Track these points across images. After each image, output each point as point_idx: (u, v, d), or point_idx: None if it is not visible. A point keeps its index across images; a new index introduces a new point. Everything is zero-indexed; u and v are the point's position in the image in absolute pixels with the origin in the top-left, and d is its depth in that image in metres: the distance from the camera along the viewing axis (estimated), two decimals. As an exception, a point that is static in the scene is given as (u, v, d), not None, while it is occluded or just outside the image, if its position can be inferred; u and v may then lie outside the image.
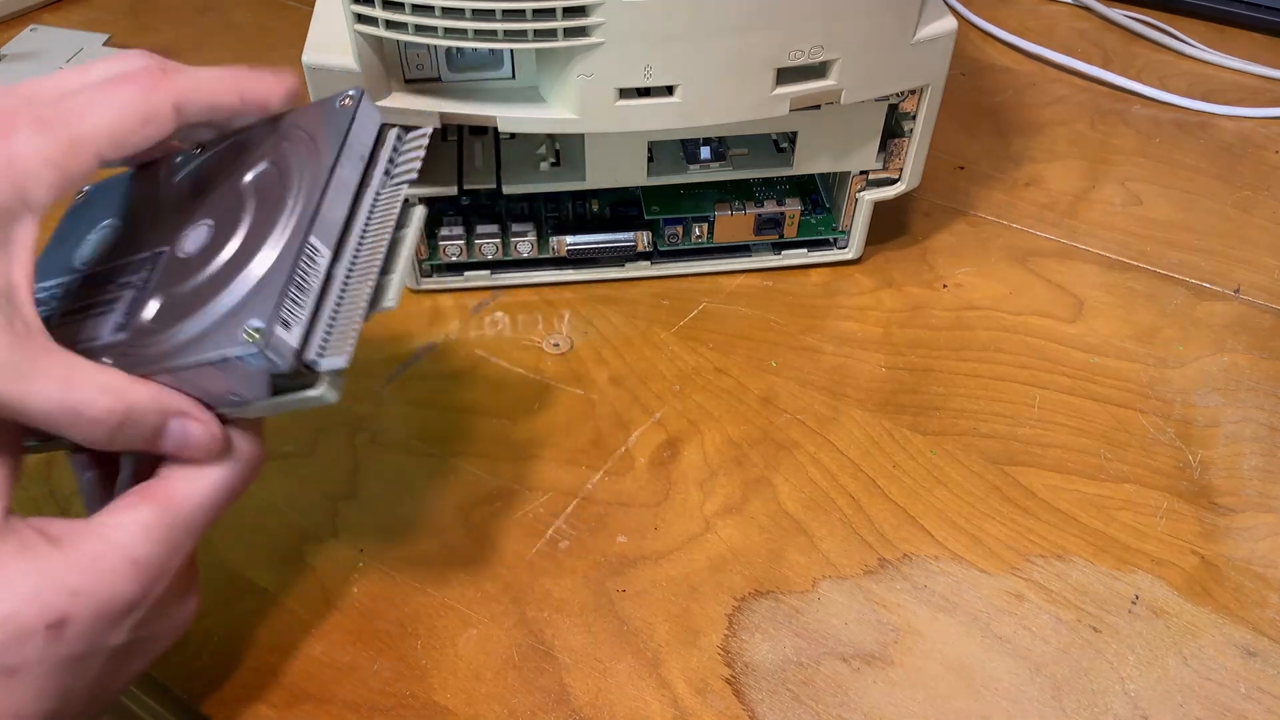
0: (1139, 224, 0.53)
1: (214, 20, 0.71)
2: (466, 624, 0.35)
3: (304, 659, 0.34)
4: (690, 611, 0.36)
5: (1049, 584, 0.36)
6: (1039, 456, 0.41)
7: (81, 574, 0.25)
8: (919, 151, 0.46)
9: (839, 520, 0.39)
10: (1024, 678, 0.34)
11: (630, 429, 0.42)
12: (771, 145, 0.47)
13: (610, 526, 0.38)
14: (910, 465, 0.41)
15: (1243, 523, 0.39)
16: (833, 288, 0.49)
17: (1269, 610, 0.36)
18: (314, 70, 0.39)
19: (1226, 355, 0.45)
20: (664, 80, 0.39)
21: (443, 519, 0.39)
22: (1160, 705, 0.33)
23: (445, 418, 0.42)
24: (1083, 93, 0.64)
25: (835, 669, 0.34)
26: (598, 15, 0.36)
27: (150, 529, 0.26)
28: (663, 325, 0.47)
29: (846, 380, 0.44)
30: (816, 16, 0.38)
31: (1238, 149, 0.58)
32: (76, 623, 0.25)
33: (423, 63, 0.40)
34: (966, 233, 0.52)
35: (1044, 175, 0.56)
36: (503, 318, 0.47)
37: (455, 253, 0.47)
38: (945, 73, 0.43)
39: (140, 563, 0.26)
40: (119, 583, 0.25)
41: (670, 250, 0.49)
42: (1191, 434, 0.42)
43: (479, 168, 0.46)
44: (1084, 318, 0.47)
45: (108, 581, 0.25)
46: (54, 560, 0.25)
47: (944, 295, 0.49)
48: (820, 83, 0.41)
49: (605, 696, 0.33)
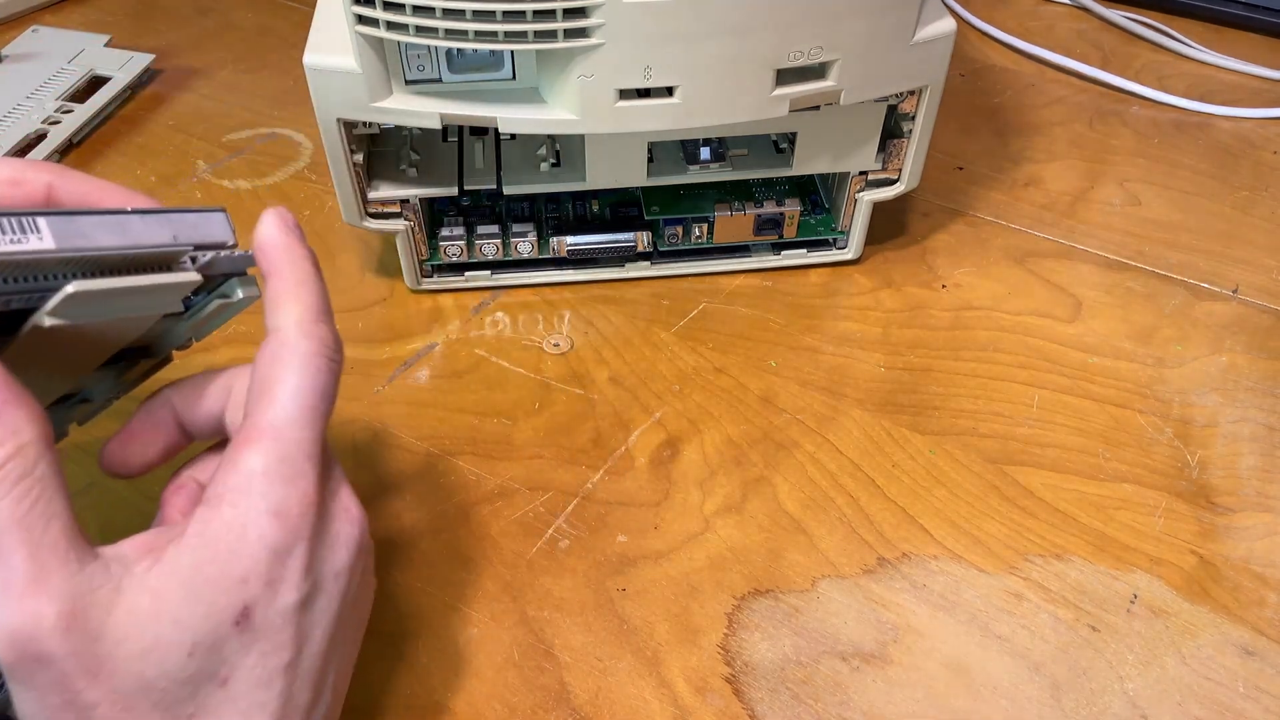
0: (1137, 224, 0.53)
1: (214, 21, 0.71)
2: (467, 623, 0.35)
3: (305, 658, 0.34)
4: (690, 610, 0.36)
5: (1048, 583, 0.37)
6: (1037, 456, 0.41)
7: (231, 555, 0.24)
8: (918, 152, 0.46)
9: (838, 520, 0.39)
10: (1023, 677, 0.34)
11: (630, 429, 0.42)
12: (771, 146, 0.47)
13: (610, 526, 0.38)
14: (909, 465, 0.41)
15: (1241, 522, 0.39)
16: (832, 288, 0.49)
17: (1267, 610, 0.36)
18: (314, 71, 0.39)
19: (1225, 355, 0.46)
20: (664, 81, 0.39)
21: (443, 519, 0.39)
22: (1159, 704, 0.33)
23: (445, 418, 0.43)
24: (1081, 93, 0.64)
25: (834, 668, 0.34)
26: (598, 16, 0.36)
27: (264, 471, 0.25)
28: (663, 325, 0.47)
29: (846, 380, 0.44)
30: (816, 18, 0.38)
31: (1236, 149, 0.59)
32: (257, 603, 0.24)
33: (423, 63, 0.40)
34: (965, 233, 0.52)
35: (1043, 176, 0.56)
36: (503, 318, 0.47)
37: (456, 253, 0.47)
38: (944, 74, 0.43)
39: (278, 510, 0.24)
40: (270, 539, 0.24)
41: (670, 250, 0.49)
42: (1190, 434, 0.42)
43: (479, 168, 0.46)
44: (1082, 318, 0.47)
45: (259, 547, 0.24)
46: (201, 554, 0.24)
47: (943, 295, 0.49)
48: (820, 84, 0.41)
49: (605, 695, 0.33)
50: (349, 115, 0.41)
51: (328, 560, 0.26)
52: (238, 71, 0.65)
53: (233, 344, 0.45)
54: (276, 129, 0.60)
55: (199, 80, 0.64)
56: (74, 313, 0.24)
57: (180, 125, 0.60)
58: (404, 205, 0.45)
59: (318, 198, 0.54)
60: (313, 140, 0.58)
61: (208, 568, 0.24)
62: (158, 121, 0.60)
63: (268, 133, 0.59)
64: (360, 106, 0.40)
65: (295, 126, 0.60)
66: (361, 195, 0.44)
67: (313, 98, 0.40)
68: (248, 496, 0.24)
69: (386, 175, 0.45)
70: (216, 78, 0.65)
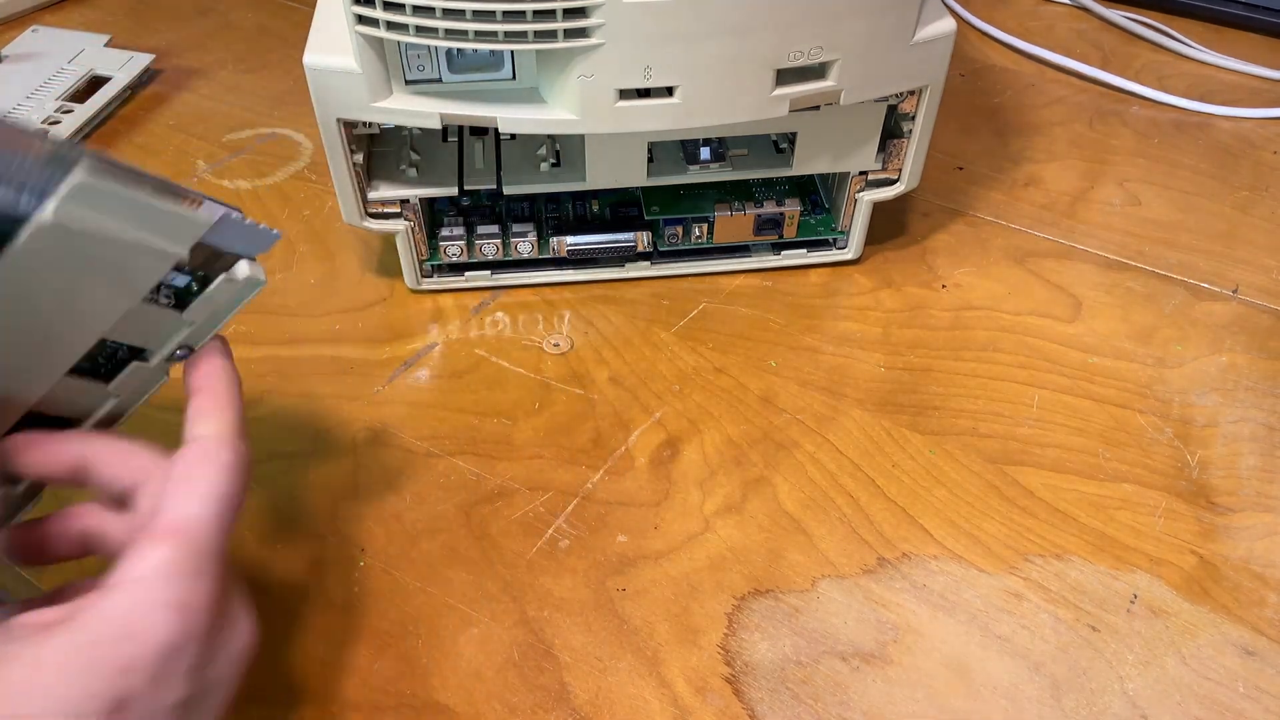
0: (1137, 224, 0.53)
1: (214, 21, 0.71)
2: (467, 623, 0.35)
3: (305, 658, 0.34)
4: (690, 611, 0.36)
5: (1048, 583, 0.37)
6: (1037, 456, 0.41)
7: (118, 643, 0.23)
8: (918, 152, 0.46)
9: (838, 520, 0.39)
10: (1022, 677, 0.34)
11: (630, 429, 0.42)
12: (771, 146, 0.47)
13: (610, 526, 0.38)
14: (909, 465, 0.41)
15: (1241, 522, 0.39)
16: (832, 288, 0.49)
17: (1267, 609, 0.36)
18: (314, 71, 0.39)
19: (1224, 355, 0.46)
20: (664, 81, 0.39)
21: (443, 519, 0.39)
22: (1159, 704, 0.33)
23: (445, 418, 0.43)
24: (1081, 93, 0.64)
25: (834, 668, 0.34)
26: (598, 16, 0.36)
27: (171, 565, 0.25)
28: (663, 325, 0.47)
29: (846, 380, 0.44)
30: (816, 18, 0.38)
31: (1236, 149, 0.59)
32: (137, 697, 0.23)
33: (423, 64, 0.40)
34: (965, 233, 0.52)
35: (1042, 175, 0.57)
36: (503, 318, 0.47)
37: (456, 253, 0.47)
38: (944, 74, 0.43)
39: (176, 603, 0.24)
40: (163, 633, 0.24)
41: (670, 250, 0.49)
42: (1190, 434, 0.42)
43: (479, 168, 0.46)
44: (1082, 318, 0.47)
45: (150, 639, 0.24)
46: (87, 635, 0.23)
47: (943, 295, 0.49)
48: (820, 84, 0.41)
49: (605, 695, 0.33)
50: (349, 115, 0.41)
51: (216, 665, 0.26)
52: (238, 71, 0.65)
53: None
54: (276, 129, 0.60)
55: (199, 80, 0.64)
56: (78, 214, 0.24)
57: (180, 125, 0.60)
58: (404, 205, 0.45)
59: (318, 198, 0.54)
60: (313, 140, 0.58)
61: (91, 651, 0.23)
62: (158, 121, 0.60)
63: (268, 133, 0.59)
64: (360, 106, 0.40)
65: (295, 126, 0.60)
66: (361, 195, 0.44)
67: (313, 98, 0.40)
68: (149, 588, 0.24)
69: (386, 175, 0.45)
70: (216, 78, 0.65)
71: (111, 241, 0.26)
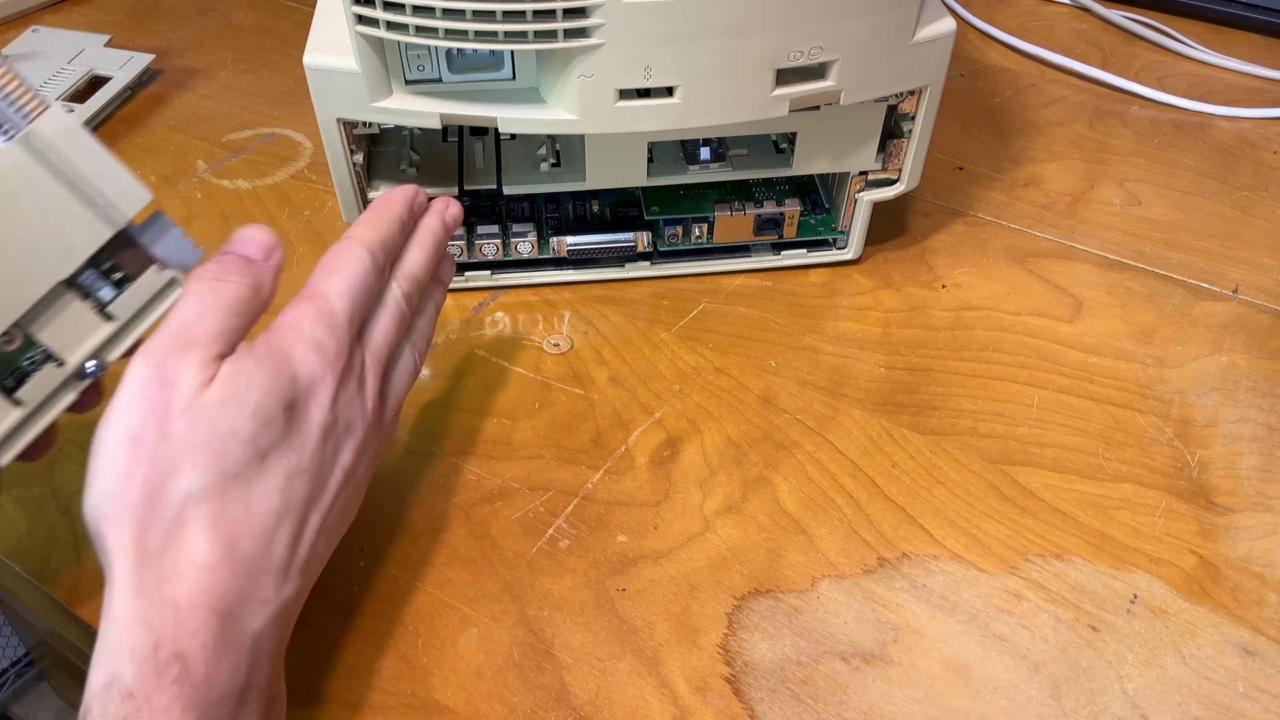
0: (1137, 224, 0.53)
1: (214, 21, 0.71)
2: (467, 623, 0.35)
3: (305, 658, 0.34)
4: (690, 611, 0.36)
5: (1047, 583, 0.37)
6: (1037, 456, 0.41)
7: (284, 357, 0.29)
8: (918, 152, 0.46)
9: (838, 520, 0.39)
10: (1022, 677, 0.34)
11: (630, 429, 0.42)
12: (771, 146, 0.47)
13: (610, 526, 0.38)
14: (909, 465, 0.41)
15: (1241, 522, 0.39)
16: (832, 288, 0.49)
17: (1267, 609, 0.36)
18: (314, 71, 0.39)
19: (1224, 355, 0.46)
20: (664, 81, 0.39)
21: (443, 519, 0.39)
22: (1159, 704, 0.33)
23: (445, 418, 0.43)
24: (1081, 93, 0.64)
25: (834, 668, 0.34)
26: (598, 16, 0.37)
27: (311, 318, 0.31)
28: (663, 325, 0.47)
29: (846, 380, 0.44)
30: (816, 18, 0.38)
31: (1236, 149, 0.59)
32: (299, 403, 0.29)
33: (423, 64, 0.40)
34: (965, 233, 0.52)
35: (1042, 176, 0.57)
36: (503, 318, 0.47)
37: (456, 253, 0.47)
38: (944, 74, 0.43)
39: (316, 345, 0.30)
40: (308, 364, 0.30)
41: (670, 250, 0.49)
42: (1190, 434, 0.42)
43: (479, 168, 0.46)
44: (1082, 318, 0.47)
45: (300, 363, 0.30)
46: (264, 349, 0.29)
47: (943, 295, 0.49)
48: (820, 84, 0.41)
49: (605, 695, 0.33)
50: (349, 115, 0.41)
51: (346, 410, 0.31)
52: (238, 71, 0.65)
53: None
54: (276, 129, 0.60)
55: (199, 80, 0.64)
56: (47, 145, 0.27)
57: (180, 125, 0.60)
58: (404, 205, 0.45)
59: (318, 198, 0.54)
60: (313, 140, 0.58)
61: (270, 355, 0.29)
62: (158, 121, 0.60)
63: (268, 133, 0.59)
64: (360, 106, 0.40)
65: (295, 126, 0.60)
66: (361, 195, 0.44)
67: (313, 98, 0.40)
68: (295, 330, 0.30)
69: (386, 175, 0.45)
70: (216, 78, 0.65)
71: (66, 189, 0.28)
